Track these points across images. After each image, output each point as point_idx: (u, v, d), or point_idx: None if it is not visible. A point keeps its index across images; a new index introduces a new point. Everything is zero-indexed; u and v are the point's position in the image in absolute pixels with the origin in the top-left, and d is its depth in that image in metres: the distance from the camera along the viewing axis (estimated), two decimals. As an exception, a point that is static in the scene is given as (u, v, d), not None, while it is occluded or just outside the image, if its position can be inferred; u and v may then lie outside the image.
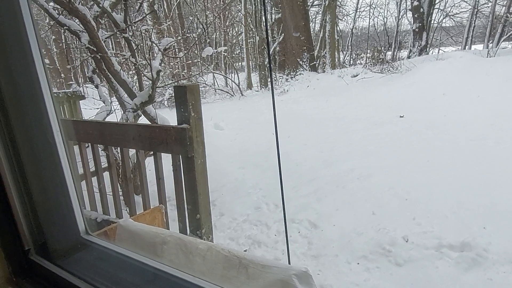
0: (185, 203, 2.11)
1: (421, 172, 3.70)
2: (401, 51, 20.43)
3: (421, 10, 14.33)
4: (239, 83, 13.18)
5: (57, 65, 14.30)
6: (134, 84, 4.06)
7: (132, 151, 3.03)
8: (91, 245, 0.69)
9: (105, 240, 0.70)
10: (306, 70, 12.54)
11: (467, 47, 18.53)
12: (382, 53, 12.89)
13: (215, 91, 13.43)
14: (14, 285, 0.63)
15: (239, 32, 20.28)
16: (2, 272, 0.63)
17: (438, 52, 13.83)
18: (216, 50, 5.10)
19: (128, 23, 3.53)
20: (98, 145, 2.52)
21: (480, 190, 3.15)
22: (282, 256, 2.64)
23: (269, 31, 15.60)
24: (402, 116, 6.16)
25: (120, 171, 3.06)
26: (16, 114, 0.58)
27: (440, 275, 2.24)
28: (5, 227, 0.62)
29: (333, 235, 2.82)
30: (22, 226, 0.63)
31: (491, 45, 14.09)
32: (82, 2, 3.68)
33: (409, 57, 14.19)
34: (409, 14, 17.52)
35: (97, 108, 4.26)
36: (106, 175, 2.57)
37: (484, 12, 19.07)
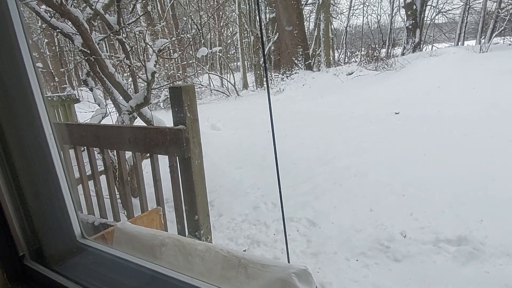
0: (183, 204, 2.10)
1: (417, 168, 3.71)
2: (395, 48, 20.53)
3: (414, 7, 14.41)
4: (234, 83, 13.18)
5: (51, 68, 14.19)
6: (129, 86, 4.05)
7: (128, 154, 3.02)
8: (87, 249, 0.69)
9: (102, 244, 0.69)
10: (302, 69, 12.56)
11: (460, 43, 18.68)
12: (376, 51, 12.94)
13: (211, 92, 13.42)
14: None
15: (234, 32, 20.27)
16: None
17: (432, 49, 13.92)
18: (211, 50, 5.10)
19: (122, 24, 3.51)
20: (94, 148, 2.51)
21: (476, 184, 3.18)
22: (281, 255, 2.64)
23: (264, 31, 15.61)
24: (397, 113, 6.18)
25: (116, 174, 3.05)
26: (8, 118, 0.57)
27: (438, 270, 2.25)
28: (-1, 233, 0.61)
29: (331, 233, 2.83)
30: (16, 232, 0.62)
31: (483, 40, 14.22)
32: (75, 4, 3.65)
33: (403, 54, 14.28)
34: (402, 11, 17.61)
35: (92, 111, 4.24)
36: (102, 178, 2.55)
37: (476, 8, 19.25)
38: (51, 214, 0.64)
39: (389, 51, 19.33)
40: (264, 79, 14.29)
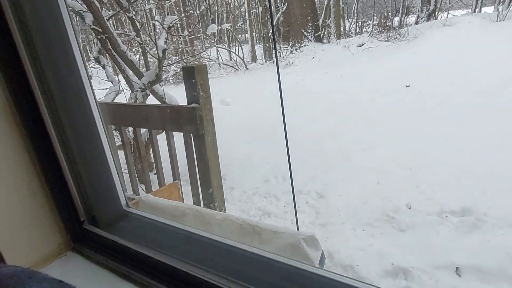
0: (198, 178, 2.23)
1: (425, 141, 3.75)
2: (409, 16, 19.70)
3: (430, -29, 13.69)
4: (243, 56, 12.98)
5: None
6: (140, 63, 4.09)
7: (143, 129, 3.12)
8: (131, 215, 0.82)
9: (142, 211, 0.82)
10: (311, 41, 12.28)
11: (477, 9, 17.81)
12: (389, 20, 12.50)
13: (220, 66, 13.28)
14: (73, 249, 0.78)
15: (241, 3, 19.67)
16: (63, 239, 0.77)
17: (447, 17, 13.33)
18: (220, 27, 5.05)
19: (132, 1, 3.52)
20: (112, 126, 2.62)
21: (483, 157, 3.21)
22: (291, 226, 2.78)
23: (272, 1, 15.11)
24: (408, 86, 6.11)
25: (132, 149, 3.18)
26: (63, 106, 0.67)
27: (441, 239, 2.36)
28: (64, 203, 0.75)
29: (339, 205, 2.94)
30: (78, 202, 0.76)
31: (501, 7, 13.52)
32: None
33: (416, 22, 13.72)
34: (418, -24, 16.74)
35: (105, 89, 4.32)
36: (120, 154, 2.69)
37: (496, -28, 18.14)
38: (103, 188, 0.77)
39: (403, 19, 18.59)
40: (273, 52, 14.04)
